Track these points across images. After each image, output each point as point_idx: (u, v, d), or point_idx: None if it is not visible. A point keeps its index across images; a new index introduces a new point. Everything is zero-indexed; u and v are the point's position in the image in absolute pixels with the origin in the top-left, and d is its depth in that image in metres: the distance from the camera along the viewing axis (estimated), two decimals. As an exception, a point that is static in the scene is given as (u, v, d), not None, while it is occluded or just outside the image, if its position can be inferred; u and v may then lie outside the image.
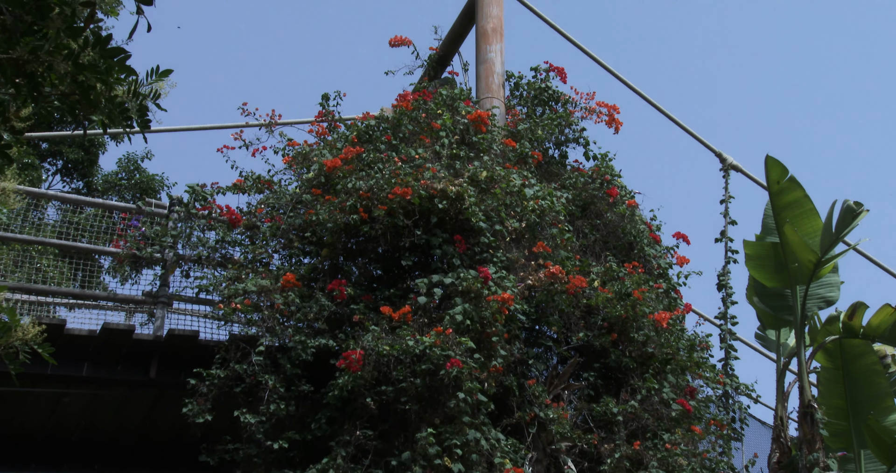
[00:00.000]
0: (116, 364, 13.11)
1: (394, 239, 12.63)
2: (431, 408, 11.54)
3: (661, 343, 13.04)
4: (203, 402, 11.86)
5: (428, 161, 13.06)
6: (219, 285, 13.06)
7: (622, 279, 13.01)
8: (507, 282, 12.32)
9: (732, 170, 15.00)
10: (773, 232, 13.62)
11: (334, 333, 12.31)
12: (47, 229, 14.20)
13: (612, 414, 12.41)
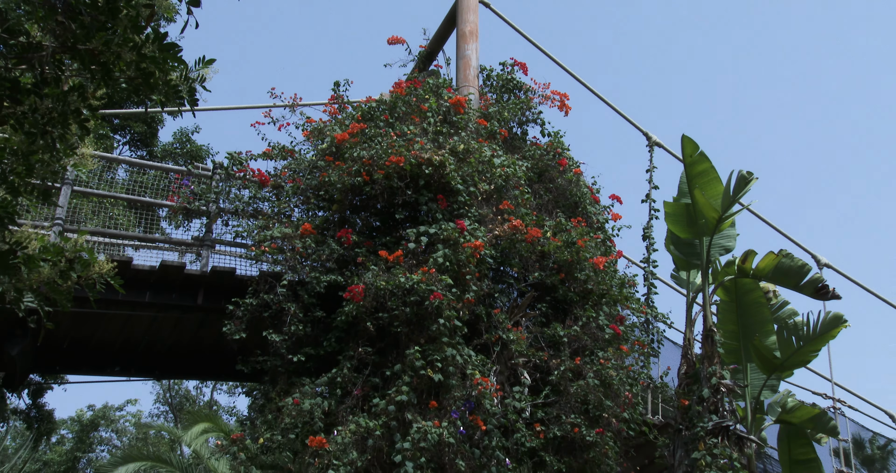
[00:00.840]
0: (171, 293, 13.29)
1: (389, 197, 12.86)
2: (418, 331, 11.76)
3: (598, 281, 13.18)
4: (239, 324, 12.14)
5: (417, 136, 13.19)
6: (251, 232, 13.22)
7: (569, 231, 13.12)
8: (479, 232, 12.49)
9: (656, 146, 15.10)
10: (686, 195, 13.74)
11: (342, 271, 12.57)
12: (117, 186, 14.34)
13: (559, 337, 12.66)
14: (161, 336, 14.37)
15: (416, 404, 11.31)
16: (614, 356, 12.74)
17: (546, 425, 12.06)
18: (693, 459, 11.46)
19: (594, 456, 12.03)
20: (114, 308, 12.96)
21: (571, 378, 12.30)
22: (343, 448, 10.84)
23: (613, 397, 12.41)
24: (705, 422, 11.93)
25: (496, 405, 11.64)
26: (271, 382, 12.36)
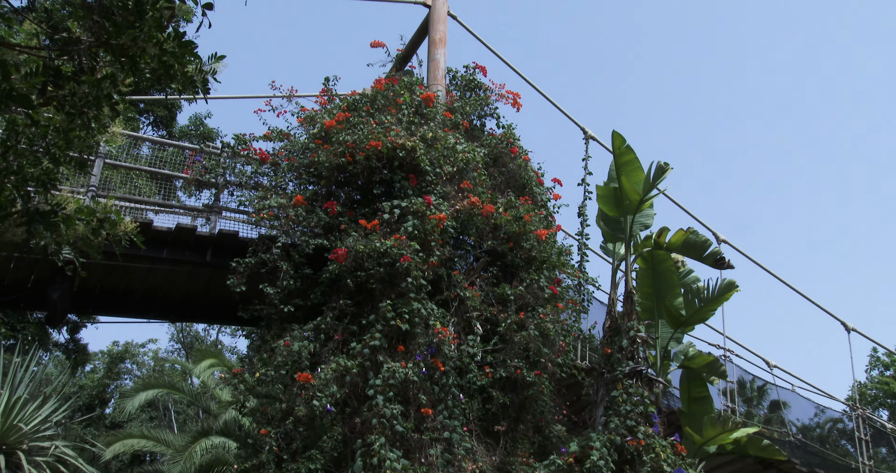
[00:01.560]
0: (185, 250, 13.18)
1: (368, 175, 12.80)
2: (389, 287, 11.75)
3: (541, 250, 13.07)
4: (240, 278, 12.07)
5: (393, 125, 13.06)
6: (252, 202, 13.08)
7: (517, 208, 12.96)
8: (443, 207, 12.43)
9: (591, 139, 14.99)
10: (614, 181, 13.72)
11: (327, 236, 12.48)
12: (141, 160, 14.26)
13: (507, 295, 12.59)
14: (176, 286, 14.22)
15: (387, 348, 11.36)
16: (552, 312, 12.73)
17: (494, 367, 12.10)
18: (612, 396, 11.52)
19: (533, 393, 12.16)
20: (136, 262, 12.83)
21: (516, 330, 12.30)
22: (325, 383, 10.90)
23: (550, 345, 12.46)
24: (623, 367, 11.99)
25: (453, 350, 11.76)
26: (266, 327, 12.23)
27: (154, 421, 30.08)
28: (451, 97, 14.86)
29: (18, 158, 6.77)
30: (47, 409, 13.03)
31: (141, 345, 38.07)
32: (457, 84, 15.30)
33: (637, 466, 10.54)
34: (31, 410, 12.68)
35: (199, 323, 33.63)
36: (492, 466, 11.39)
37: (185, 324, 35.70)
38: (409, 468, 10.46)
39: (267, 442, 10.90)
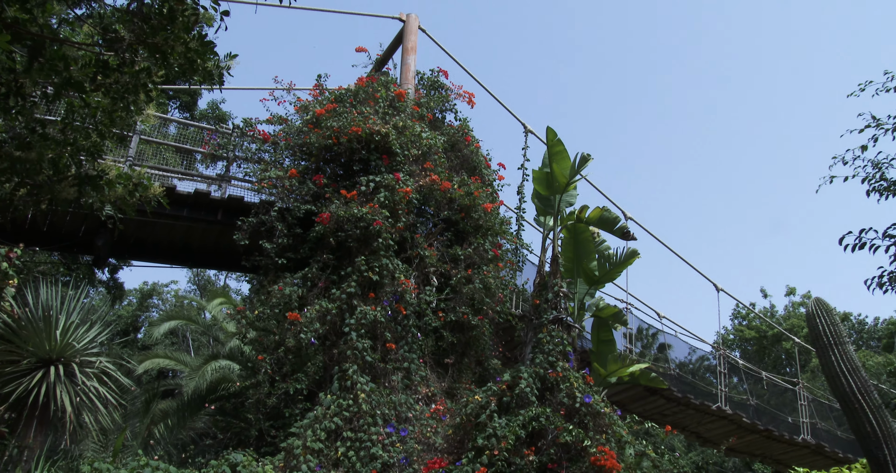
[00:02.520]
0: (201, 211, 12.91)
1: (350, 155, 12.51)
2: (364, 246, 11.58)
3: (486, 220, 12.85)
4: (244, 234, 11.80)
5: (371, 115, 12.72)
6: (255, 173, 12.89)
7: (469, 185, 12.72)
8: (409, 182, 12.25)
9: (529, 132, 14.60)
10: (547, 166, 13.34)
11: (315, 203, 12.21)
12: (169, 137, 13.93)
13: (458, 255, 12.38)
14: (193, 239, 13.84)
15: (360, 295, 11.25)
16: (493, 270, 12.59)
17: (446, 312, 12.00)
18: (538, 338, 11.23)
19: (476, 334, 12.20)
20: (162, 219, 12.48)
21: (464, 283, 12.16)
22: (310, 321, 10.85)
23: (491, 296, 12.36)
24: (548, 315, 11.70)
25: (413, 298, 11.57)
26: (264, 274, 11.94)
27: (175, 346, 29.78)
28: (418, 94, 14.52)
29: (73, 133, 7.07)
30: (93, 332, 13.22)
31: (165, 285, 37.95)
32: (424, 84, 14.94)
33: (555, 392, 10.33)
34: (81, 332, 12.94)
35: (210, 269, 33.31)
36: (441, 390, 11.58)
37: (199, 270, 35.73)
38: (376, 390, 10.56)
39: (263, 366, 10.92)
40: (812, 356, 31.83)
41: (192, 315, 27.43)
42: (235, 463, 9.31)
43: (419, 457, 10.00)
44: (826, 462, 20.18)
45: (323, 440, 9.84)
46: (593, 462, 9.36)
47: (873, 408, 10.12)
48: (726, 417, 17.43)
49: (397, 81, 14.39)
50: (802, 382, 21.03)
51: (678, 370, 17.98)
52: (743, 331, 43.67)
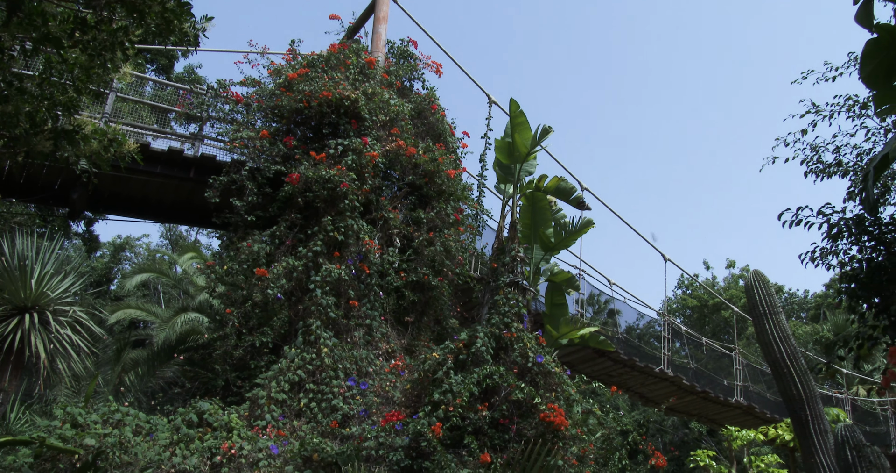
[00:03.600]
0: (174, 168, 12.60)
1: (320, 118, 12.33)
2: (331, 206, 11.48)
3: (449, 185, 12.71)
4: (215, 192, 11.59)
5: (342, 80, 12.51)
6: (228, 133, 12.53)
7: (433, 152, 12.56)
8: (376, 147, 12.09)
9: (494, 104, 14.48)
10: (509, 136, 13.31)
11: (285, 164, 11.95)
12: (145, 96, 13.61)
13: (421, 218, 12.29)
14: (166, 195, 13.51)
15: (326, 253, 11.16)
16: (454, 234, 12.45)
17: (407, 273, 11.89)
18: (495, 300, 11.23)
19: (435, 294, 12.12)
20: (136, 175, 12.22)
21: (426, 245, 12.05)
22: (277, 277, 10.76)
23: (451, 259, 12.25)
24: (505, 278, 11.74)
25: (377, 258, 11.47)
26: (234, 231, 11.72)
27: (146, 298, 29.40)
28: (388, 63, 14.27)
29: (50, 88, 6.97)
30: (67, 282, 13.10)
31: (137, 239, 37.42)
32: (394, 53, 14.65)
33: (509, 352, 10.36)
34: (55, 282, 12.83)
35: (182, 225, 32.94)
36: (401, 347, 11.56)
37: (171, 225, 35.23)
38: (339, 345, 10.57)
39: (230, 319, 10.82)
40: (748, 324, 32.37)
41: (163, 269, 27.13)
42: (202, 411, 9.27)
43: (378, 410, 10.03)
44: (756, 422, 20.66)
45: (286, 391, 9.88)
46: (543, 418, 9.45)
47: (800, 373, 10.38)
48: (668, 379, 17.70)
49: (368, 49, 14.08)
50: (738, 348, 21.39)
51: (626, 334, 18.20)
52: (686, 300, 44.32)
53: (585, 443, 9.81)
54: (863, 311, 7.28)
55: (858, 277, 7.10)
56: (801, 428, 10.16)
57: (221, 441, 8.92)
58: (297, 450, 8.83)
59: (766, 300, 11.31)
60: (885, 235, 7.07)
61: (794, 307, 45.36)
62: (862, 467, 9.47)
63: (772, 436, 18.21)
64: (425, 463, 8.74)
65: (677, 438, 34.49)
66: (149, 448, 8.44)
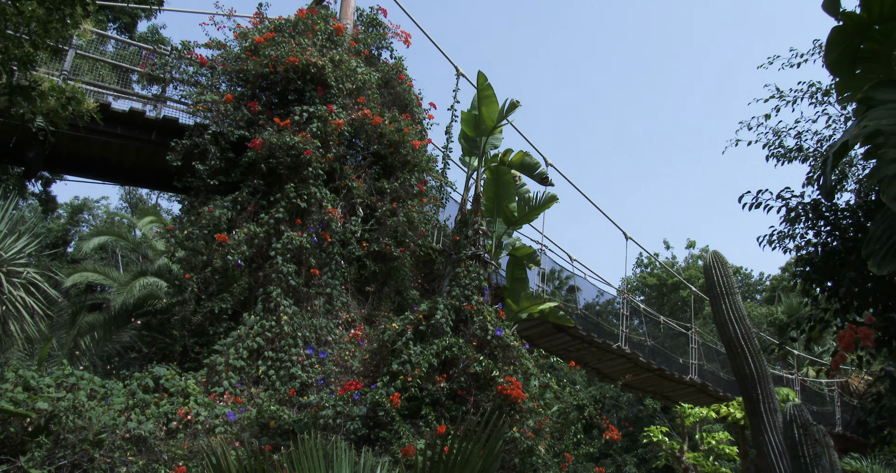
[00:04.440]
0: (135, 129, 12.27)
1: (285, 84, 12.21)
2: (294, 174, 11.46)
3: (414, 156, 12.66)
4: (177, 155, 11.40)
5: (309, 46, 12.35)
6: (191, 96, 12.29)
7: (399, 122, 12.50)
8: (342, 115, 12.03)
9: (461, 76, 14.41)
10: (476, 109, 13.26)
11: (249, 129, 11.82)
12: (107, 55, 13.22)
13: (385, 188, 12.24)
14: (126, 157, 13.18)
15: (288, 220, 11.13)
16: (417, 205, 12.47)
17: (369, 242, 11.87)
18: (456, 272, 11.24)
19: (397, 265, 12.15)
20: (96, 135, 11.86)
21: (389, 215, 12.03)
22: (238, 243, 10.70)
23: (414, 230, 12.28)
24: (467, 251, 11.71)
25: (339, 227, 11.46)
26: (195, 196, 11.59)
27: (104, 261, 28.90)
28: (356, 30, 14.09)
29: (5, 41, 6.76)
30: (22, 243, 12.72)
31: (96, 201, 36.58)
32: (363, 21, 14.49)
33: (469, 324, 10.42)
34: (9, 242, 12.45)
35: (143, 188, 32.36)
36: (361, 317, 11.56)
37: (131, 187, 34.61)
38: (298, 313, 10.58)
39: (190, 284, 10.76)
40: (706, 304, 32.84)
41: (122, 232, 26.66)
42: (159, 377, 9.21)
43: (336, 379, 10.05)
44: (709, 400, 21.06)
45: (245, 358, 9.87)
46: (500, 390, 9.52)
47: (753, 353, 10.60)
48: (625, 356, 17.93)
49: (337, 16, 13.89)
50: (695, 327, 21.73)
51: (585, 310, 18.38)
52: (646, 278, 44.83)
53: (542, 417, 9.93)
54: (816, 294, 7.42)
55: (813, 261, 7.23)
56: (751, 406, 10.38)
57: (178, 406, 8.88)
58: (254, 417, 8.82)
59: (723, 280, 11.47)
60: (840, 220, 7.20)
61: (750, 288, 46.12)
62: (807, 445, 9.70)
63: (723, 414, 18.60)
64: (382, 433, 8.79)
65: (632, 414, 35.03)
66: (103, 412, 8.37)
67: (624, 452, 32.35)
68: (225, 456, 3.46)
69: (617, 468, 31.29)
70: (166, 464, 8.08)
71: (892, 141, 3.77)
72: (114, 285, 21.89)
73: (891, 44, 5.07)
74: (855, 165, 13.59)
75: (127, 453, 8.14)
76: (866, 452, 15.59)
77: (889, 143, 3.77)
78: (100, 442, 7.95)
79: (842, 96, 5.58)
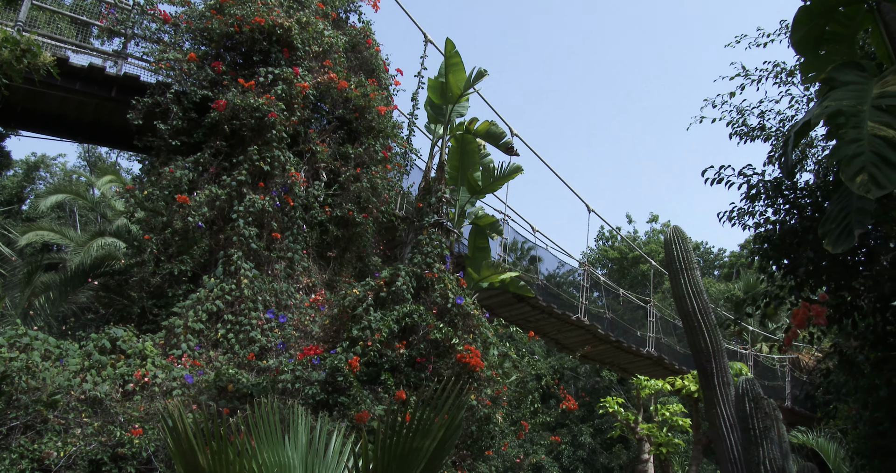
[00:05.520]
0: (94, 86, 11.89)
1: (251, 45, 11.98)
2: (258, 136, 11.33)
3: (379, 122, 12.57)
4: (138, 114, 11.17)
5: (275, 7, 12.14)
6: (153, 53, 12.00)
7: (365, 87, 12.40)
8: (307, 78, 11.93)
9: (429, 43, 14.31)
10: (443, 76, 13.23)
11: (212, 89, 11.60)
12: (65, 7, 12.91)
13: (349, 154, 12.17)
14: (85, 114, 12.78)
15: (250, 183, 11.04)
16: (381, 171, 12.41)
17: (332, 207, 11.87)
18: (419, 239, 11.31)
19: (359, 231, 12.14)
20: (53, 90, 11.54)
21: (353, 181, 11.99)
22: (199, 205, 10.57)
23: (377, 196, 12.24)
24: (430, 218, 11.78)
25: (302, 191, 11.44)
26: (156, 155, 11.37)
27: (61, 220, 28.47)
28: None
29: None
30: None
31: (53, 158, 35.79)
32: (330, -17, 14.25)
33: (430, 292, 10.51)
34: None
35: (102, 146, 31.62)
36: (322, 282, 11.58)
37: (90, 146, 33.87)
38: (259, 277, 10.55)
39: (149, 246, 10.65)
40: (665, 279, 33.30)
41: (80, 190, 26.20)
42: (116, 338, 9.16)
43: (296, 343, 10.09)
44: (664, 373, 21.44)
45: (204, 321, 9.86)
46: (459, 358, 9.64)
47: (709, 328, 10.79)
48: (584, 327, 18.16)
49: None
50: (653, 301, 22.04)
51: (546, 281, 18.51)
52: (607, 251, 45.22)
53: (500, 385, 10.07)
54: (772, 271, 7.56)
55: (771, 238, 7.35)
56: (706, 380, 10.58)
57: (135, 368, 8.87)
58: (212, 380, 8.84)
59: (683, 255, 11.61)
60: (799, 199, 7.31)
61: (709, 264, 46.78)
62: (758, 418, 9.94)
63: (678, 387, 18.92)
64: (341, 398, 8.85)
65: (589, 385, 35.50)
66: (58, 373, 8.32)
67: (580, 422, 32.81)
68: (181, 419, 3.46)
69: (573, 437, 31.75)
70: (122, 426, 8.08)
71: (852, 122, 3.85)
72: (71, 244, 21.59)
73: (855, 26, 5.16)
74: (815, 147, 13.79)
75: (82, 414, 8.13)
76: (812, 426, 16.02)
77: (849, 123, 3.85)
78: (54, 403, 7.92)
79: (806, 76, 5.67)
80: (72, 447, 7.67)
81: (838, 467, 12.90)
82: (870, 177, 3.58)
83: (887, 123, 3.74)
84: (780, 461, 9.67)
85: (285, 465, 4.09)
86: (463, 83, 13.01)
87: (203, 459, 3.43)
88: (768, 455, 9.68)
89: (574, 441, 31.79)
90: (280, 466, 4.07)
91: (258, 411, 4.18)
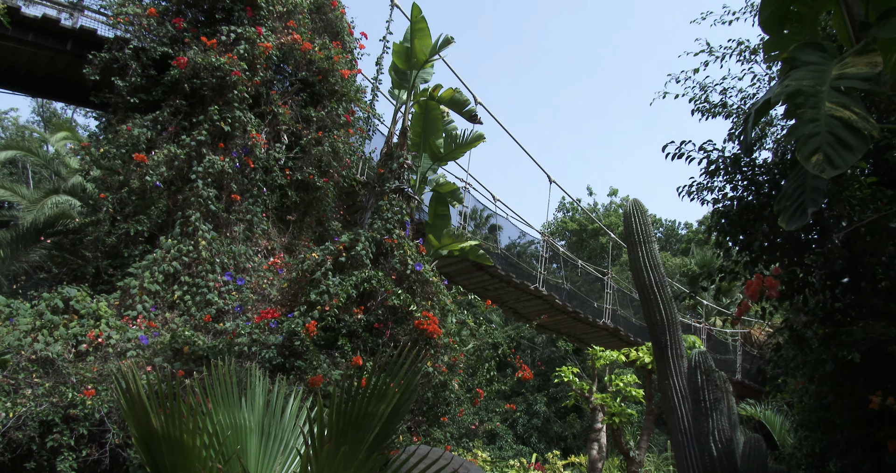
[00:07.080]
0: (48, 38, 11.65)
1: (213, 2, 11.83)
2: (219, 96, 11.19)
3: (343, 86, 12.47)
4: (95, 69, 10.93)
5: None
6: (111, 6, 11.75)
7: (330, 49, 12.24)
8: (271, 38, 11.70)
9: (395, 7, 14.13)
10: (408, 41, 13.08)
11: (173, 46, 11.37)
12: None
13: (311, 116, 12.07)
14: (38, 67, 12.47)
15: (210, 144, 10.88)
16: (343, 135, 12.35)
17: (293, 171, 11.79)
18: (379, 205, 11.29)
19: (320, 195, 12.11)
20: (4, 41, 11.30)
21: (314, 144, 11.92)
22: (157, 164, 10.44)
23: (338, 160, 12.20)
24: (391, 184, 11.75)
25: (263, 153, 11.31)
26: (113, 112, 11.14)
27: (13, 177, 27.86)
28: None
29: None
30: None
31: (4, 112, 34.72)
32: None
33: (389, 258, 10.52)
34: None
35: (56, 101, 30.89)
36: (281, 245, 11.55)
37: (44, 100, 33.02)
38: (217, 238, 10.48)
39: (105, 205, 10.48)
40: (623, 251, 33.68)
41: (33, 147, 25.55)
42: (69, 298, 9.06)
43: (253, 307, 10.07)
44: (620, 344, 21.75)
45: (160, 282, 9.78)
46: (417, 325, 9.70)
47: (665, 300, 11.00)
48: (542, 297, 18.32)
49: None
50: (611, 273, 22.28)
51: (505, 250, 18.62)
52: (567, 223, 45.54)
53: (457, 352, 10.17)
54: (728, 246, 7.70)
55: (728, 214, 7.48)
56: (660, 352, 10.80)
57: (88, 329, 8.79)
58: (167, 342, 8.80)
59: (641, 229, 11.77)
60: (756, 176, 7.43)
61: (669, 239, 47.39)
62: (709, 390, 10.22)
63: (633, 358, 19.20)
64: (298, 362, 8.88)
65: (545, 354, 35.92)
66: (8, 332, 8.23)
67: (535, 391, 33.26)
68: (135, 380, 3.45)
69: (528, 406, 32.19)
70: (74, 387, 8.03)
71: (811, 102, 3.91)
72: (23, 202, 21.15)
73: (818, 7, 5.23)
74: (775, 125, 13.95)
75: (33, 374, 8.06)
76: (761, 399, 16.44)
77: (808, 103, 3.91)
78: (3, 363, 7.84)
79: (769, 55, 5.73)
80: (21, 407, 7.61)
81: (783, 438, 13.30)
82: (825, 157, 3.65)
83: (844, 105, 3.81)
84: (729, 432, 9.97)
85: (241, 427, 4.11)
86: (428, 49, 12.92)
87: (157, 421, 3.43)
88: (717, 426, 9.97)
89: (529, 410, 32.24)
90: (236, 428, 4.09)
91: (215, 373, 4.18)
